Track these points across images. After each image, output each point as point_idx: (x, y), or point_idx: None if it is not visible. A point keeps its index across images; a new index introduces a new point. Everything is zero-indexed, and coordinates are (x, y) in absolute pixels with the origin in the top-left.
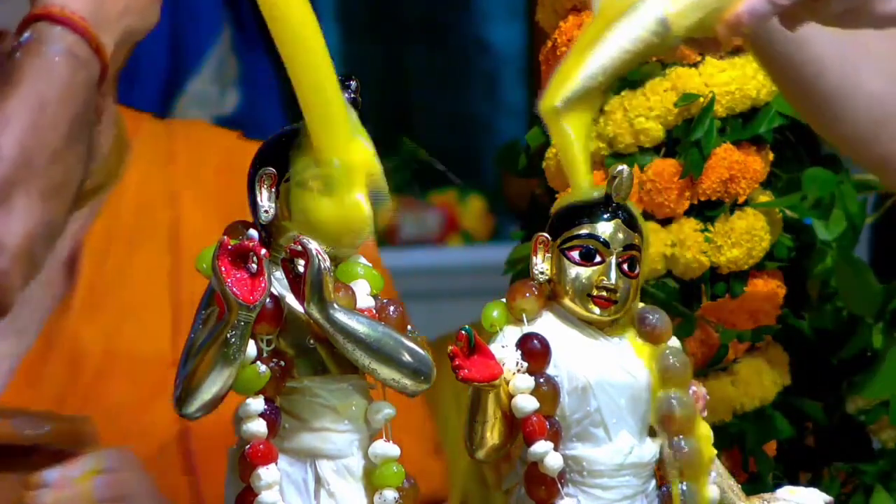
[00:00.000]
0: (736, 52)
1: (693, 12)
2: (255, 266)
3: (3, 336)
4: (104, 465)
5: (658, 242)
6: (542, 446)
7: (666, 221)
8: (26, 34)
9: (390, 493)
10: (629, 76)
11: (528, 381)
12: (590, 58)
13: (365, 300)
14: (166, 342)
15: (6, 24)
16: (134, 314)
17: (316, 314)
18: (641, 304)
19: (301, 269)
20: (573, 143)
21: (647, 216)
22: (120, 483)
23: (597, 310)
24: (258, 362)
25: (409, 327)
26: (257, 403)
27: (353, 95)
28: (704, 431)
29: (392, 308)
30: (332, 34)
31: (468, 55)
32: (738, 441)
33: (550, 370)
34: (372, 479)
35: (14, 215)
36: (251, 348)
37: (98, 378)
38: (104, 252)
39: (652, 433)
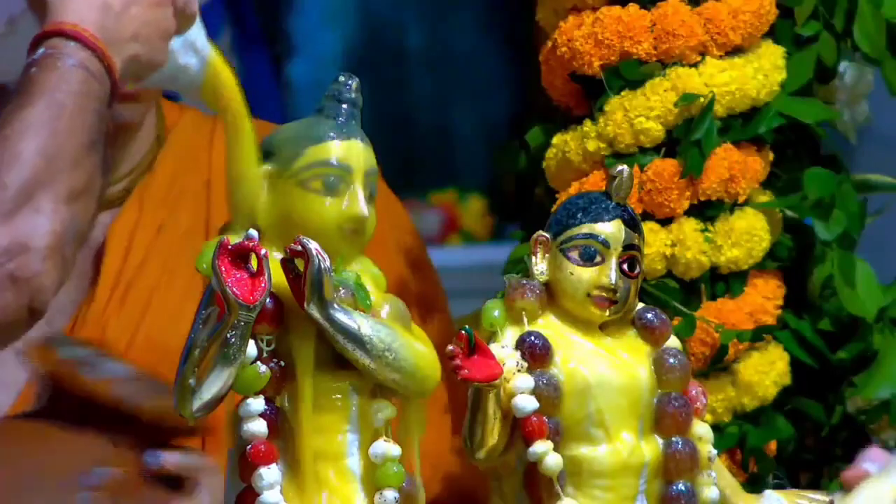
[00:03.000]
0: (735, 51)
1: None
2: (255, 266)
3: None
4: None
5: (658, 242)
6: (541, 446)
7: (666, 221)
8: (41, 49)
9: (390, 493)
10: (629, 76)
11: (528, 381)
12: None
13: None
14: None
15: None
16: (160, 304)
17: (316, 314)
18: (641, 304)
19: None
20: None
21: (647, 216)
22: None
23: (597, 310)
24: (258, 362)
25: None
26: (257, 403)
27: (352, 95)
28: (704, 432)
29: (396, 307)
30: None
31: None
32: (738, 441)
33: (550, 370)
34: (372, 479)
35: (41, 216)
36: (251, 348)
37: None
38: (129, 243)
39: (651, 433)
